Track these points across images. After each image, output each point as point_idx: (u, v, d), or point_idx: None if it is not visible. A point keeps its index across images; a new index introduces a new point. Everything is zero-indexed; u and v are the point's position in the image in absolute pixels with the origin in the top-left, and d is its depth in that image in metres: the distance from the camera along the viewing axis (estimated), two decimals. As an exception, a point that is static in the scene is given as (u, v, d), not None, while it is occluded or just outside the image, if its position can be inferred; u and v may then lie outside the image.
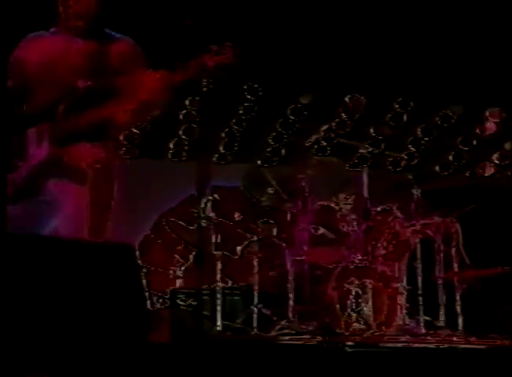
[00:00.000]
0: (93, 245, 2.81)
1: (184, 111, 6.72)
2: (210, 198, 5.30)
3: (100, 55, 3.40)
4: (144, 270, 5.78)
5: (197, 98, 6.49)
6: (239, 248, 5.57)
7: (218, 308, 5.12)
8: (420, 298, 5.26)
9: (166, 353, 2.95)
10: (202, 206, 5.15)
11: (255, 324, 5.07)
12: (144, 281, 5.53)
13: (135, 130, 6.53)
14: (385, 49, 6.56)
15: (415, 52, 6.58)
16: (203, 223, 5.12)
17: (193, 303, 5.37)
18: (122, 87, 3.35)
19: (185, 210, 6.06)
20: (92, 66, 3.35)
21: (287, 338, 4.76)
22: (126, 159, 6.47)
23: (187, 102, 6.67)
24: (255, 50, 6.11)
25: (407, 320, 5.04)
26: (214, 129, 6.54)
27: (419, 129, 7.26)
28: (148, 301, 5.61)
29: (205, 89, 3.39)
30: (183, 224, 6.05)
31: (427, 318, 5.21)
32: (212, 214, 5.31)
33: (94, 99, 3.28)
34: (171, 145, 6.94)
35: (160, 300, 5.81)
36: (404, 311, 5.05)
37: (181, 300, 5.52)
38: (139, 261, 5.36)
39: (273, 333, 4.91)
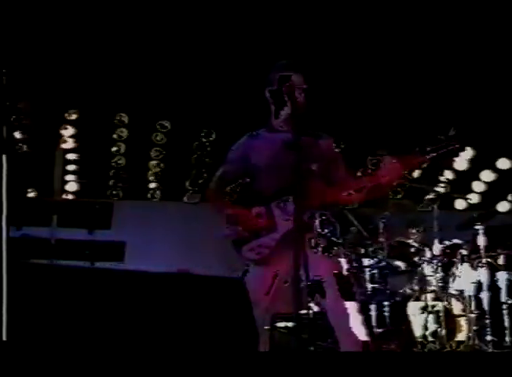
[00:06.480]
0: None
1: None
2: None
3: (316, 147, 4.01)
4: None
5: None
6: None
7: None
8: (487, 322, 5.86)
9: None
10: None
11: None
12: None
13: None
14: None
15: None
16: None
17: (289, 326, 6.20)
18: (341, 174, 4.03)
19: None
20: (313, 156, 3.93)
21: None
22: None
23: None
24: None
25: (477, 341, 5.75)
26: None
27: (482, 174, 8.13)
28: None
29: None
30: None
31: (494, 339, 5.81)
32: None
33: (323, 180, 3.96)
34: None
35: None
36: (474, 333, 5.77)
37: (280, 323, 6.35)
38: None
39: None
